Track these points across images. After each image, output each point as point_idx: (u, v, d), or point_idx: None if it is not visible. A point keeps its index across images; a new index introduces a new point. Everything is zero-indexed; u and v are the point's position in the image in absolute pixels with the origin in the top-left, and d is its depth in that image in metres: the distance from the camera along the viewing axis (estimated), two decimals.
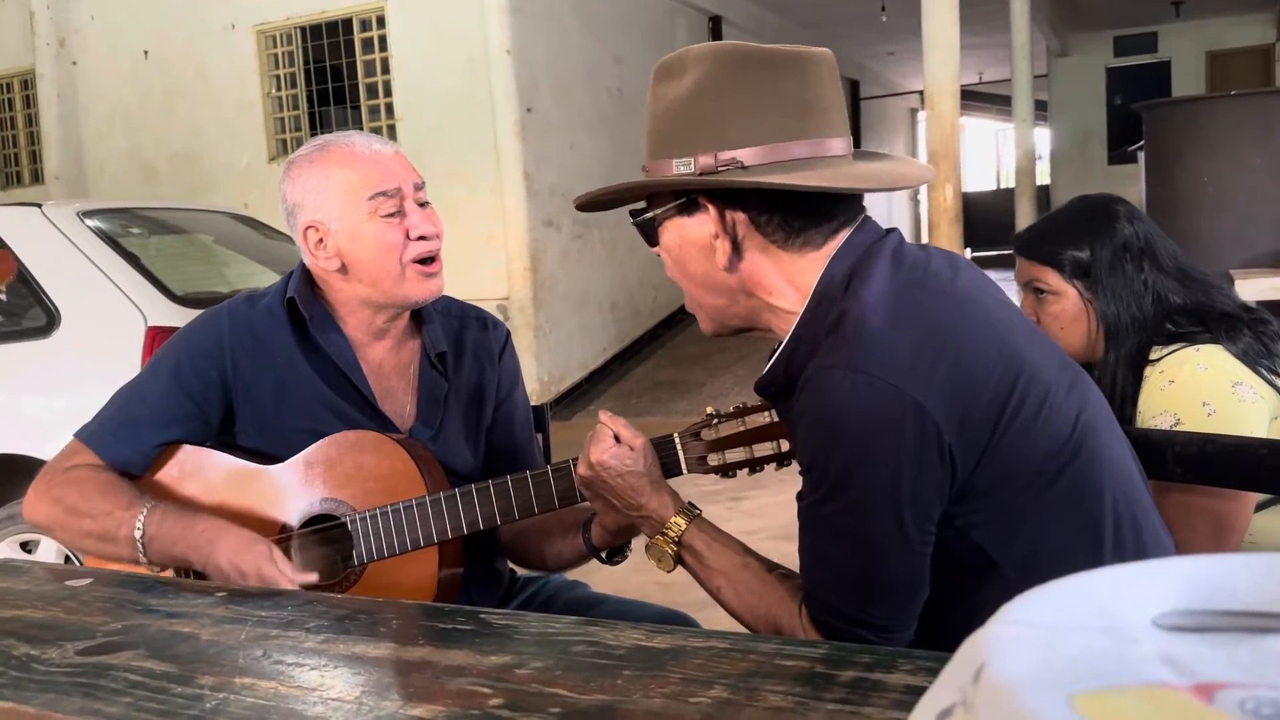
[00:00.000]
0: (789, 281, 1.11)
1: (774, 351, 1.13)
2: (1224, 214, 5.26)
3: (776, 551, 1.29)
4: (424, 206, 1.51)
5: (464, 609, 1.09)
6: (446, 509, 1.42)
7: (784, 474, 1.33)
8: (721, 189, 1.08)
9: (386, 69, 7.43)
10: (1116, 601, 0.36)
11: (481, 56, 6.94)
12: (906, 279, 1.08)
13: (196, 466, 1.52)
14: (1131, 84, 13.48)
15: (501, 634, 1.00)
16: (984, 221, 14.69)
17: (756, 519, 4.17)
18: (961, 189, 7.16)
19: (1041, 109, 13.36)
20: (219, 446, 1.53)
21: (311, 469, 1.47)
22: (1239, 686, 0.31)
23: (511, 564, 1.67)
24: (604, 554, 1.49)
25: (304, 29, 7.76)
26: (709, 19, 9.71)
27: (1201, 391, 1.57)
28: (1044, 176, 14.25)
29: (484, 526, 1.42)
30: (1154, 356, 1.63)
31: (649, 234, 1.18)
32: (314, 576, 1.40)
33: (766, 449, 1.34)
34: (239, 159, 7.88)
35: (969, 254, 11.50)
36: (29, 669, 0.97)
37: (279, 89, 7.91)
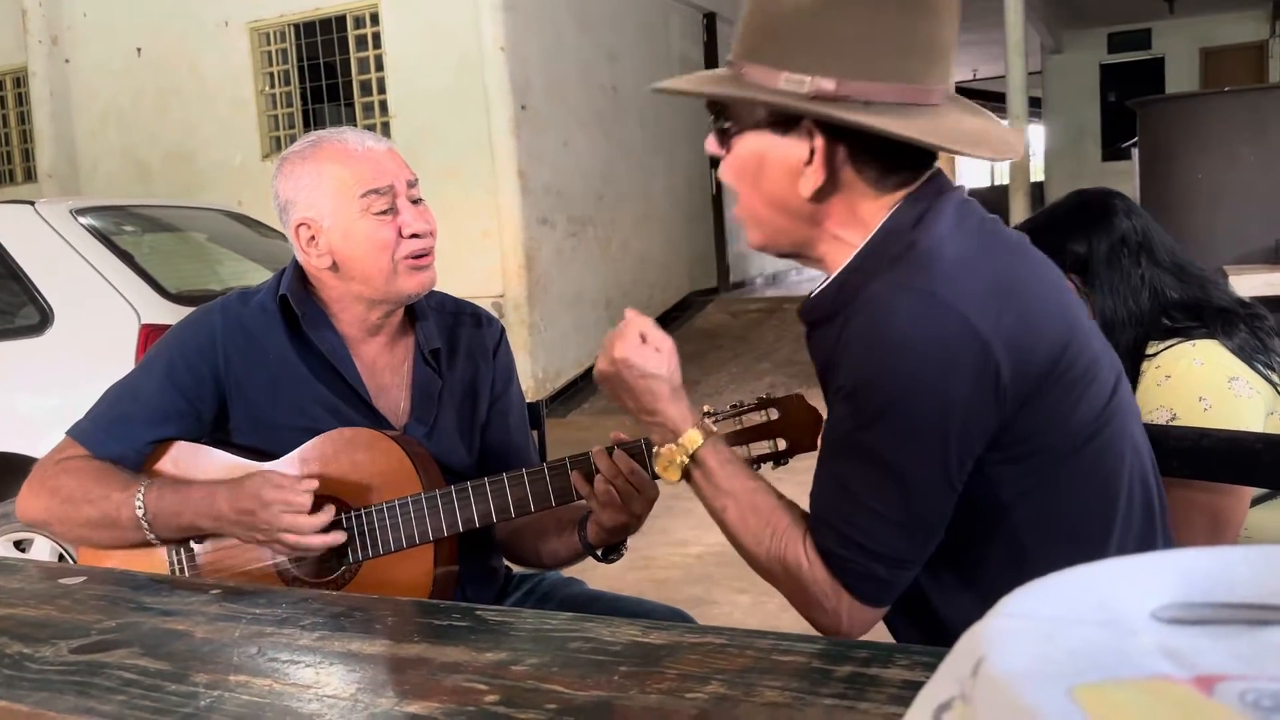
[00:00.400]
0: (861, 218, 1.08)
1: (826, 278, 1.11)
2: (1218, 210, 5.28)
3: None
4: (417, 204, 1.50)
5: (460, 605, 1.09)
6: (442, 506, 1.41)
7: (781, 473, 1.33)
8: (835, 122, 1.01)
9: (380, 66, 7.41)
10: (1116, 594, 0.35)
11: (475, 53, 6.92)
12: (979, 228, 1.07)
13: (190, 463, 1.51)
14: (1125, 80, 13.51)
15: (497, 630, 1.00)
16: None
17: None
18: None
19: (1035, 106, 13.37)
20: (213, 444, 1.52)
21: (306, 466, 1.47)
22: (1239, 678, 0.31)
23: (507, 561, 1.67)
24: (600, 552, 1.48)
25: (297, 26, 7.73)
26: (703, 15, 9.70)
27: (1197, 386, 1.57)
28: (1038, 173, 14.27)
29: (480, 524, 1.42)
30: (1150, 351, 1.63)
31: (722, 137, 1.11)
32: (314, 484, 1.38)
33: (763, 448, 1.34)
34: (232, 156, 7.86)
35: None
36: (22, 667, 0.97)
37: (272, 86, 7.89)
